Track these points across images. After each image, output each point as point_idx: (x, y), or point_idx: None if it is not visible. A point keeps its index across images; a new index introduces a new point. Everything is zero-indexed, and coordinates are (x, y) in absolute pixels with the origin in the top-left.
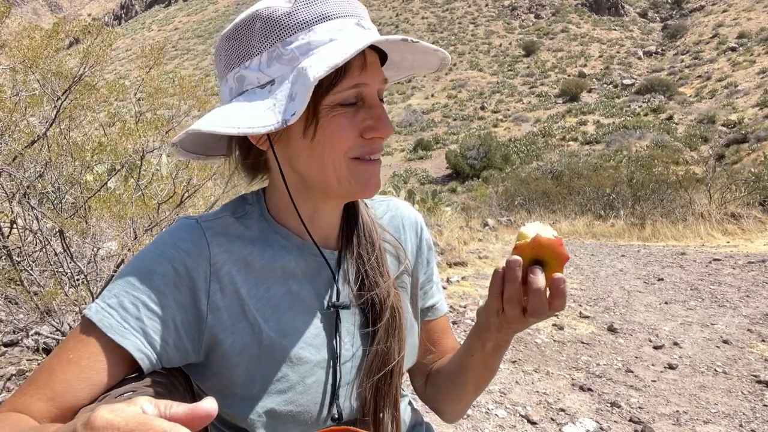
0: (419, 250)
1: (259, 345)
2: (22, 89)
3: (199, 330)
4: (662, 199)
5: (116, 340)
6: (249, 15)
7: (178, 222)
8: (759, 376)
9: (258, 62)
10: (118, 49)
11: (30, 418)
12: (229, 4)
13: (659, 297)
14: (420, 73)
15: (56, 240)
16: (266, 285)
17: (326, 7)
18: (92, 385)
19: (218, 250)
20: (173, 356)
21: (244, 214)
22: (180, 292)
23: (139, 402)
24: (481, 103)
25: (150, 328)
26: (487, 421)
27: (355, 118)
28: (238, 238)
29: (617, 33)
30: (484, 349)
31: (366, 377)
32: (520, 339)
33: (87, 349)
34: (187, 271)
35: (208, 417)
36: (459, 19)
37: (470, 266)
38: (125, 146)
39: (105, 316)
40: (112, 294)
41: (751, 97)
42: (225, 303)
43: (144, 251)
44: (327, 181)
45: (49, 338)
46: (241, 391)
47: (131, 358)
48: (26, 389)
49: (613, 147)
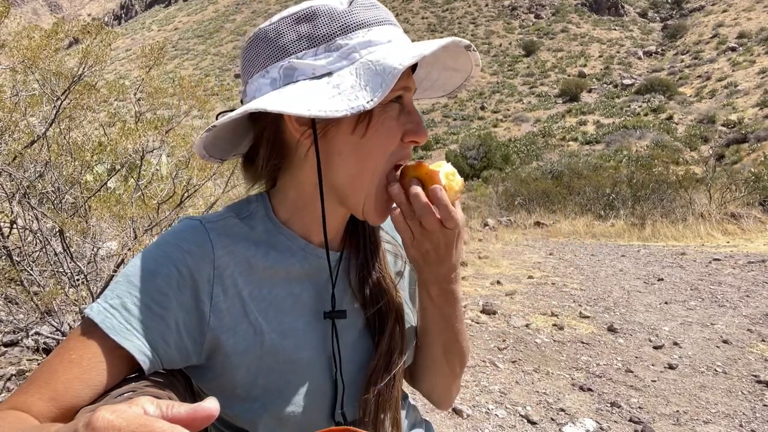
0: None
1: (261, 346)
2: (21, 89)
3: (201, 332)
4: (662, 199)
5: (118, 342)
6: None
7: (181, 223)
8: (759, 376)
9: (314, 54)
10: (118, 49)
11: (31, 417)
12: (228, 4)
13: (659, 297)
14: (437, 95)
15: (56, 240)
16: (269, 287)
17: (380, 13)
18: (93, 385)
19: (222, 252)
20: (174, 358)
21: (249, 215)
22: (183, 293)
23: (140, 402)
24: (481, 103)
25: (152, 330)
26: (487, 421)
27: (398, 120)
28: (242, 239)
29: (617, 33)
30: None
31: (370, 382)
32: (520, 339)
33: (89, 350)
34: (191, 272)
35: (209, 417)
36: (459, 19)
37: (470, 266)
38: (125, 146)
39: (107, 317)
40: (115, 294)
41: (751, 97)
42: (227, 305)
43: (147, 252)
44: (354, 187)
45: (49, 338)
46: (242, 392)
47: (132, 359)
48: (27, 388)
49: (613, 147)
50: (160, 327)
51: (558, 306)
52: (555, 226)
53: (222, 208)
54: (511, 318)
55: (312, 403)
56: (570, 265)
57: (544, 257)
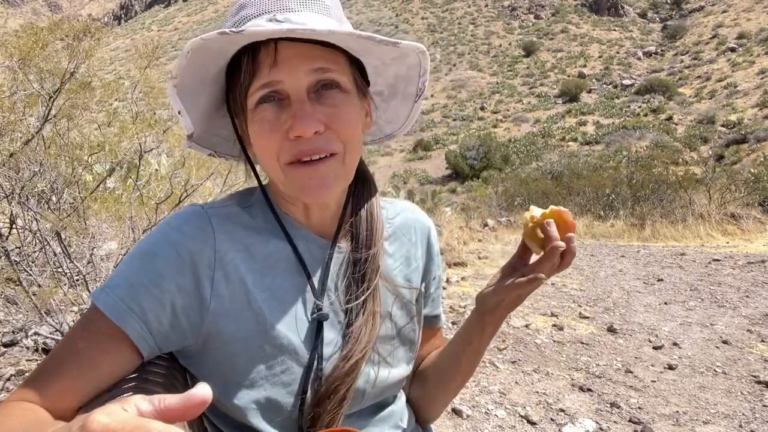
0: (428, 257)
1: (264, 335)
2: (18, 88)
3: (200, 315)
4: (662, 200)
5: (117, 324)
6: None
7: (184, 208)
8: (758, 377)
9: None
10: (118, 50)
11: (38, 408)
12: (228, 4)
13: (659, 297)
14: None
15: (55, 240)
16: (271, 275)
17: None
18: (100, 372)
19: (223, 237)
20: (170, 339)
21: (250, 205)
22: (182, 276)
23: (133, 401)
24: (481, 103)
25: (150, 312)
26: (486, 421)
27: (278, 119)
28: (244, 227)
29: (617, 33)
30: (483, 334)
31: (331, 379)
32: (519, 339)
33: (93, 339)
34: (191, 256)
35: (203, 403)
36: (459, 20)
37: (470, 266)
38: (123, 145)
39: (107, 298)
40: (116, 277)
41: (751, 98)
42: (229, 291)
43: (149, 235)
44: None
45: (49, 338)
46: (242, 379)
47: (134, 344)
48: (35, 377)
49: (613, 147)
50: (157, 308)
51: (558, 306)
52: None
53: (224, 197)
54: (510, 318)
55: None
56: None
57: None
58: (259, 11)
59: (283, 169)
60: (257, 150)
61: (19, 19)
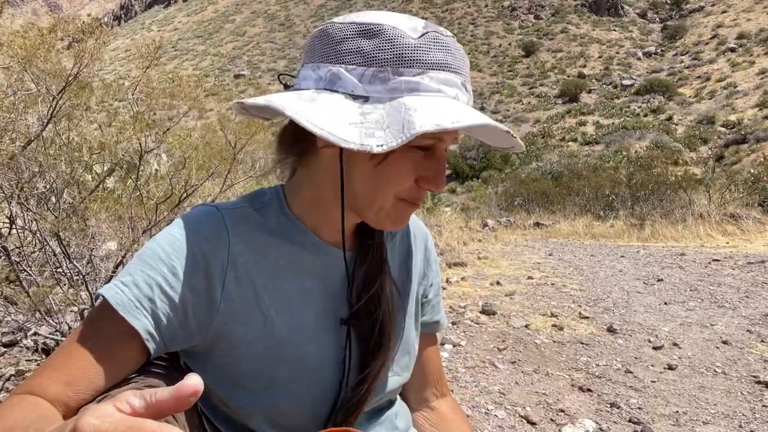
0: (426, 263)
1: (271, 337)
2: (18, 89)
3: (209, 316)
4: (661, 200)
5: (126, 318)
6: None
7: (196, 208)
8: (758, 377)
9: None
10: (118, 50)
11: (45, 402)
12: (228, 4)
13: (659, 297)
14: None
15: (55, 240)
16: (282, 278)
17: (446, 57)
18: (107, 367)
19: (237, 239)
20: (178, 337)
21: (263, 207)
22: (195, 276)
23: (124, 398)
24: (481, 103)
25: (160, 310)
26: (486, 421)
27: (419, 164)
28: (258, 228)
29: (617, 33)
30: None
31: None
32: (519, 339)
33: (103, 334)
34: (205, 257)
35: (195, 393)
36: (459, 20)
37: (470, 267)
38: (122, 145)
39: (117, 293)
40: (127, 273)
41: (751, 98)
42: (240, 293)
43: (163, 234)
44: (367, 204)
45: (49, 338)
46: (248, 382)
47: (142, 340)
48: (43, 371)
49: (613, 147)
50: (167, 307)
51: (557, 306)
52: (554, 226)
53: (236, 198)
54: (510, 318)
55: (314, 403)
56: (569, 265)
57: (544, 258)
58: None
59: (394, 201)
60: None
61: (19, 19)
